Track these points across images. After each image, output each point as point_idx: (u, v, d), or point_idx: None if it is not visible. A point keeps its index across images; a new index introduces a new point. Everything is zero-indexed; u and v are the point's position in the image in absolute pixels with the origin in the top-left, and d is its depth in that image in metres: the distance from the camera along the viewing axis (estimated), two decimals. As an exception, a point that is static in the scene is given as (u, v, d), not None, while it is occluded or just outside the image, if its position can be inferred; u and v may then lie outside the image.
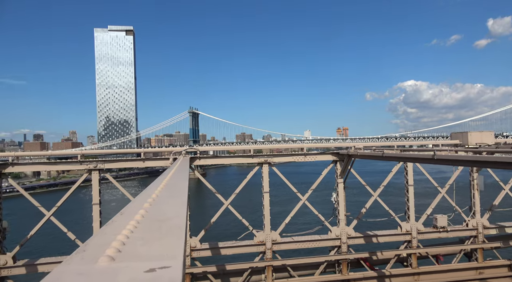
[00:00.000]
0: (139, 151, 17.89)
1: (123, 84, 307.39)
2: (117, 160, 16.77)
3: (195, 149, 17.37)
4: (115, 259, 1.44)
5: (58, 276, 1.26)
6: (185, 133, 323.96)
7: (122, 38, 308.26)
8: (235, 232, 17.27)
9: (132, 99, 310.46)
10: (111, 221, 2.22)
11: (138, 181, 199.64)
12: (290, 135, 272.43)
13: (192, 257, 15.32)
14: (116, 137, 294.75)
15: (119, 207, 11.69)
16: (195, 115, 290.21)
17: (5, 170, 14.01)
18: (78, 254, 1.51)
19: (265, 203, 16.42)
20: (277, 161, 17.19)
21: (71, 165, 16.02)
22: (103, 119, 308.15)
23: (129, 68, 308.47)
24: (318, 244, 16.96)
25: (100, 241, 1.71)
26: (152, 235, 1.84)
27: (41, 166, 17.28)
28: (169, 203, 2.90)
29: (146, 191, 3.71)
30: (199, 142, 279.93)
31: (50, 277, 1.25)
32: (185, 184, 4.36)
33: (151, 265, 1.35)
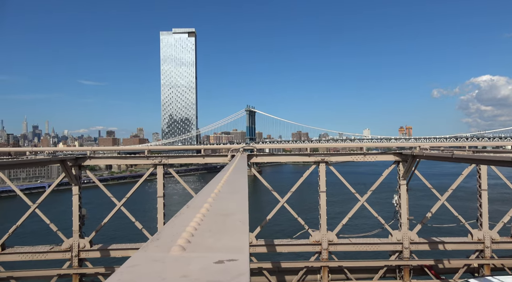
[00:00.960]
0: (199, 148, 18.65)
1: (185, 84, 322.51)
2: (180, 156, 17.68)
3: (252, 147, 17.65)
4: (186, 249, 1.53)
5: (137, 262, 1.38)
6: (242, 131, 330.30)
7: (184, 40, 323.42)
8: (290, 230, 17.26)
9: (193, 98, 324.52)
10: (179, 213, 2.36)
11: (197, 176, 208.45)
12: (347, 134, 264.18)
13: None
14: (178, 135, 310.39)
15: (181, 200, 12.42)
16: (251, 113, 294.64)
17: (84, 162, 15.55)
18: (152, 243, 1.64)
19: (322, 202, 16.14)
20: (334, 160, 16.80)
21: (139, 159, 17.24)
22: (166, 117, 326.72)
23: (191, 69, 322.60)
24: (378, 248, 16.25)
25: (171, 231, 1.84)
26: (218, 228, 1.92)
27: (113, 160, 18.90)
28: (231, 199, 3.00)
29: (209, 186, 3.87)
30: (255, 139, 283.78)
31: (130, 261, 1.37)
32: (245, 180, 4.47)
33: (219, 257, 1.41)
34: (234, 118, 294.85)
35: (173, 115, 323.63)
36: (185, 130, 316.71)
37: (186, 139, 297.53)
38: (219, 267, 1.32)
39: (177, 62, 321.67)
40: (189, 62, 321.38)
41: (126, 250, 14.78)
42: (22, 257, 14.40)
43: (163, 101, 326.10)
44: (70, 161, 14.98)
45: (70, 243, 14.52)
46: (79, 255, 14.50)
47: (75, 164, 15.23)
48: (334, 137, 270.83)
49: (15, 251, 14.42)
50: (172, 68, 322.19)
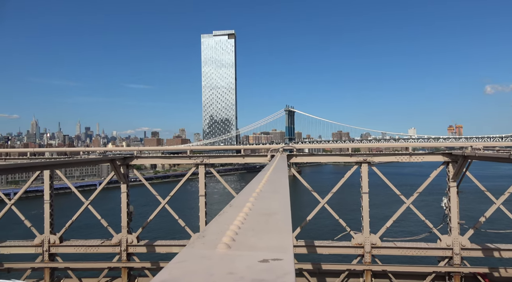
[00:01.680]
0: (239, 148, 18.88)
1: (225, 85, 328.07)
2: (220, 156, 18.03)
3: (292, 147, 17.56)
4: (231, 247, 1.57)
5: (185, 258, 1.43)
6: (281, 131, 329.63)
7: (224, 42, 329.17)
8: (331, 232, 16.93)
9: (232, 99, 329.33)
10: (222, 212, 2.41)
11: (237, 176, 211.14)
12: (391, 133, 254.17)
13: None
14: (219, 135, 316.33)
15: (221, 199, 12.60)
16: (291, 113, 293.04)
17: (131, 162, 16.38)
18: (199, 240, 1.69)
19: (364, 204, 15.67)
20: (377, 161, 16.23)
21: (181, 159, 17.82)
22: (207, 118, 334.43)
23: (230, 70, 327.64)
24: (425, 253, 15.45)
25: (216, 229, 1.88)
26: (261, 227, 1.94)
27: (157, 159, 19.71)
28: (272, 198, 3.01)
29: (250, 185, 3.91)
30: (294, 139, 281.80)
31: (178, 257, 1.43)
32: (286, 180, 4.46)
33: (263, 256, 1.43)
34: (273, 118, 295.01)
35: (214, 116, 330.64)
36: (225, 130, 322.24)
37: (226, 139, 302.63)
38: (264, 266, 1.33)
39: (217, 64, 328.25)
40: (229, 63, 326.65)
41: (170, 247, 15.34)
42: (77, 249, 15.47)
43: (204, 103, 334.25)
44: (119, 160, 15.83)
45: (119, 238, 15.35)
46: (127, 250, 15.29)
47: (123, 163, 16.07)
48: (376, 137, 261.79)
49: (71, 244, 15.53)
50: (213, 70, 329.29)
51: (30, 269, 15.23)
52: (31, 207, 17.73)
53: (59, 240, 15.40)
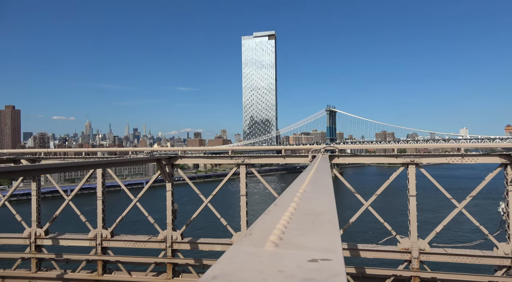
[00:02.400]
0: (280, 148, 18.85)
1: (265, 86, 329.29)
2: (261, 156, 18.13)
3: (334, 147, 17.21)
4: (279, 246, 1.57)
5: (234, 254, 1.46)
6: (322, 131, 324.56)
7: (265, 43, 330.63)
8: (374, 235, 16.36)
9: (272, 99, 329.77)
10: (267, 211, 2.43)
11: (277, 177, 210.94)
12: (440, 133, 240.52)
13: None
14: (259, 135, 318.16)
15: (262, 199, 12.61)
16: (332, 113, 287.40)
17: (176, 161, 16.98)
18: (246, 237, 1.71)
19: (411, 207, 14.94)
20: (425, 162, 15.41)
21: (223, 159, 18.15)
22: (248, 119, 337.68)
23: (271, 71, 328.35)
24: (479, 261, 14.40)
25: (262, 227, 1.90)
26: (307, 227, 1.93)
27: (200, 159, 20.23)
28: (317, 198, 2.98)
29: (293, 185, 3.90)
30: (336, 140, 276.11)
31: (228, 254, 1.46)
32: (330, 180, 4.38)
33: (312, 256, 1.42)
34: (314, 118, 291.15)
35: (254, 117, 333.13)
36: (266, 131, 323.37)
37: (266, 140, 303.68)
38: (313, 266, 1.32)
39: (258, 65, 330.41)
40: (269, 64, 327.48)
41: (213, 245, 15.67)
42: (126, 244, 16.33)
43: (245, 104, 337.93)
44: (164, 160, 16.48)
45: (165, 234, 15.97)
46: (172, 246, 15.87)
47: (169, 162, 16.70)
48: (424, 138, 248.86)
49: (121, 239, 16.42)
50: (253, 71, 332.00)
51: (85, 260, 16.32)
52: (85, 203, 19.02)
53: (110, 234, 16.35)
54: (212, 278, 1.17)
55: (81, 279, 15.92)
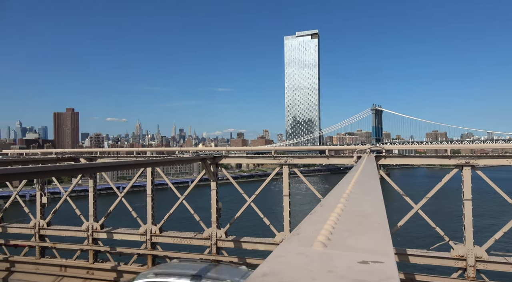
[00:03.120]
0: (323, 148, 18.54)
1: (308, 85, 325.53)
2: (304, 156, 17.96)
3: (380, 147, 16.59)
4: (327, 246, 1.57)
5: (282, 253, 1.48)
6: (367, 131, 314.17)
7: (308, 42, 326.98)
8: (424, 240, 15.48)
9: (315, 99, 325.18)
10: (313, 211, 2.42)
11: (320, 177, 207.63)
12: (500, 133, 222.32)
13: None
14: (301, 136, 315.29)
15: (304, 200, 12.47)
16: (378, 112, 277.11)
17: (220, 161, 17.37)
18: (294, 237, 1.73)
19: (467, 212, 13.97)
20: (482, 164, 14.32)
21: (266, 159, 18.24)
22: (290, 119, 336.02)
23: (313, 70, 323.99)
24: (546, 273, 13.11)
25: (309, 227, 1.90)
26: (356, 228, 1.89)
27: (244, 159, 20.50)
28: (364, 200, 2.91)
29: (339, 186, 3.83)
30: (382, 140, 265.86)
31: (276, 252, 1.49)
32: (377, 182, 4.25)
33: (362, 257, 1.40)
34: (359, 118, 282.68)
35: (297, 117, 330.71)
36: (308, 131, 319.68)
37: (309, 140, 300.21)
38: (364, 267, 1.30)
39: (300, 65, 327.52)
40: (312, 63, 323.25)
41: (256, 244, 15.81)
42: (174, 240, 17.01)
43: (287, 104, 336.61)
44: (209, 159, 16.92)
45: (210, 232, 16.40)
46: (217, 244, 16.26)
47: (213, 162, 17.12)
48: (481, 138, 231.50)
49: (169, 235, 17.13)
50: (296, 71, 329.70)
51: (136, 254, 17.25)
52: (136, 200, 20.09)
53: (159, 230, 17.13)
54: (262, 276, 1.20)
55: (132, 271, 16.83)
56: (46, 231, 18.76)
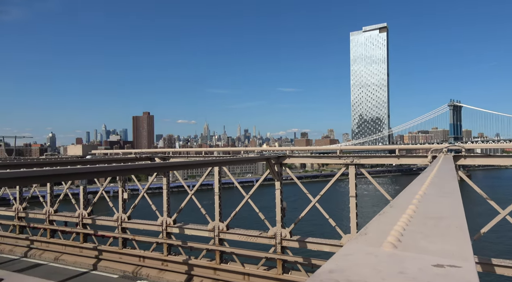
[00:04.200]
0: (393, 148, 17.56)
1: (376, 82, 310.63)
2: (372, 156, 17.19)
3: (459, 146, 15.17)
4: (397, 247, 1.50)
5: (350, 252, 1.45)
6: (443, 129, 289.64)
7: (375, 37, 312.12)
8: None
9: (384, 96, 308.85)
10: (382, 212, 2.32)
11: (390, 178, 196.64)
12: None
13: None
14: (369, 135, 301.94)
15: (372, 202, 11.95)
16: (456, 108, 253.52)
17: (284, 161, 17.44)
18: (361, 237, 1.68)
19: None
20: None
21: (331, 159, 17.85)
22: (356, 117, 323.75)
23: (382, 66, 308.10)
24: None
25: (378, 228, 1.83)
26: (430, 231, 1.78)
27: (308, 159, 20.31)
28: (440, 202, 2.71)
29: (411, 187, 3.61)
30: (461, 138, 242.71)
31: (343, 251, 1.47)
32: (455, 183, 3.91)
33: (437, 260, 1.31)
34: (434, 115, 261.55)
35: (363, 115, 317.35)
36: (376, 130, 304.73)
37: (377, 139, 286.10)
38: (439, 271, 1.22)
39: (368, 61, 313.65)
40: (380, 59, 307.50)
41: (321, 245, 15.54)
42: (240, 237, 17.50)
43: (353, 102, 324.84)
44: (273, 159, 17.09)
45: (275, 231, 16.54)
46: (281, 243, 16.34)
47: (277, 161, 17.25)
48: None
49: (235, 232, 17.68)
50: (362, 68, 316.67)
51: (205, 249, 18.12)
52: (204, 198, 21.07)
53: (226, 227, 17.78)
54: (328, 272, 1.20)
55: (202, 266, 17.72)
56: (127, 224, 20.64)
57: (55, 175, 7.12)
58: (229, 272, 17.12)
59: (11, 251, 23.27)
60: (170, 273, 18.25)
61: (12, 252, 23.15)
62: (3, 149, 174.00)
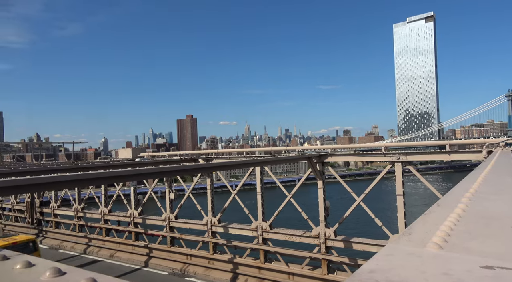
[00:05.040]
0: (443, 143, 16.63)
1: (423, 74, 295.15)
2: (420, 153, 16.37)
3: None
4: (443, 248, 1.44)
5: (391, 252, 1.42)
6: (500, 122, 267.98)
7: (421, 27, 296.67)
8: None
9: (432, 89, 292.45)
10: (428, 211, 2.23)
11: (440, 176, 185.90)
12: None
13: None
14: (416, 130, 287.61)
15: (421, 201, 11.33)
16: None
17: (326, 159, 17.16)
18: (404, 236, 1.64)
19: None
20: None
21: (375, 156, 17.26)
22: (402, 112, 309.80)
23: (429, 57, 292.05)
24: None
25: (423, 228, 1.77)
26: (480, 231, 1.69)
27: (351, 157, 19.80)
28: (494, 200, 2.54)
29: (461, 184, 3.42)
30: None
31: (385, 251, 1.44)
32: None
33: (486, 262, 1.25)
34: (489, 107, 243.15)
35: (410, 110, 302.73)
36: (424, 125, 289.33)
37: (425, 135, 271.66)
38: (488, 272, 1.17)
39: (413, 53, 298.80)
40: (427, 50, 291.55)
41: (368, 245, 15.10)
42: (283, 237, 17.50)
43: (398, 96, 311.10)
44: (315, 158, 16.89)
45: (318, 231, 16.33)
46: (326, 243, 16.10)
47: (319, 160, 17.02)
48: None
49: (278, 231, 17.71)
50: (408, 60, 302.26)
51: (249, 248, 18.34)
52: (246, 198, 21.31)
53: (269, 227, 17.86)
54: (369, 272, 1.19)
55: (247, 264, 17.96)
56: (174, 223, 21.47)
57: (108, 177, 7.61)
58: (274, 271, 17.19)
59: (72, 248, 25.21)
60: (216, 271, 18.70)
61: (73, 248, 25.07)
62: (63, 154, 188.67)
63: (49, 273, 1.26)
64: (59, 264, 1.38)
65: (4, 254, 1.61)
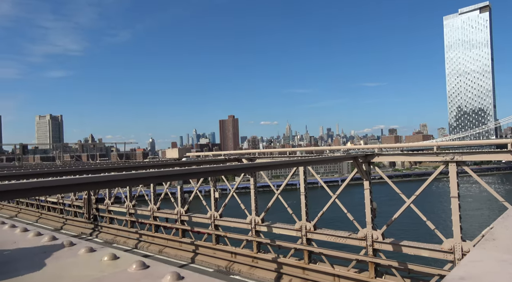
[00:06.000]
0: (503, 142, 15.40)
1: (477, 69, 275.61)
2: (478, 152, 15.28)
3: None
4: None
5: (478, 258, 1.33)
6: None
7: (475, 18, 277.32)
8: None
9: (488, 84, 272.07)
10: (506, 215, 2.07)
11: (498, 177, 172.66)
12: None
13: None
14: (470, 128, 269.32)
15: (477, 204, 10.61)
16: None
17: (372, 159, 16.60)
18: (489, 242, 1.52)
19: None
20: None
21: (426, 156, 16.39)
22: (454, 109, 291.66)
23: (484, 50, 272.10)
24: None
25: (507, 233, 1.64)
26: None
27: (398, 157, 18.96)
28: None
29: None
30: None
31: (471, 257, 1.35)
32: None
33: None
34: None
35: (462, 107, 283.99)
36: (479, 122, 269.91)
37: (480, 133, 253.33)
38: None
39: (466, 46, 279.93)
40: (482, 43, 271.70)
41: (419, 249, 14.38)
42: (328, 238, 17.18)
43: (449, 93, 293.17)
44: (361, 157, 16.40)
45: (365, 233, 15.83)
46: (373, 245, 15.55)
47: (365, 160, 16.50)
48: None
49: (323, 232, 17.42)
50: (460, 54, 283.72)
51: (293, 248, 18.24)
52: (289, 198, 21.19)
53: (313, 227, 17.63)
54: (459, 279, 1.12)
55: (291, 265, 17.87)
56: (219, 222, 21.94)
57: (158, 176, 7.96)
58: (318, 272, 16.94)
59: (125, 242, 26.70)
60: (261, 270, 18.81)
61: (125, 243, 26.54)
62: (115, 154, 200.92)
63: (135, 266, 1.33)
64: (141, 258, 1.45)
65: (90, 246, 1.74)
